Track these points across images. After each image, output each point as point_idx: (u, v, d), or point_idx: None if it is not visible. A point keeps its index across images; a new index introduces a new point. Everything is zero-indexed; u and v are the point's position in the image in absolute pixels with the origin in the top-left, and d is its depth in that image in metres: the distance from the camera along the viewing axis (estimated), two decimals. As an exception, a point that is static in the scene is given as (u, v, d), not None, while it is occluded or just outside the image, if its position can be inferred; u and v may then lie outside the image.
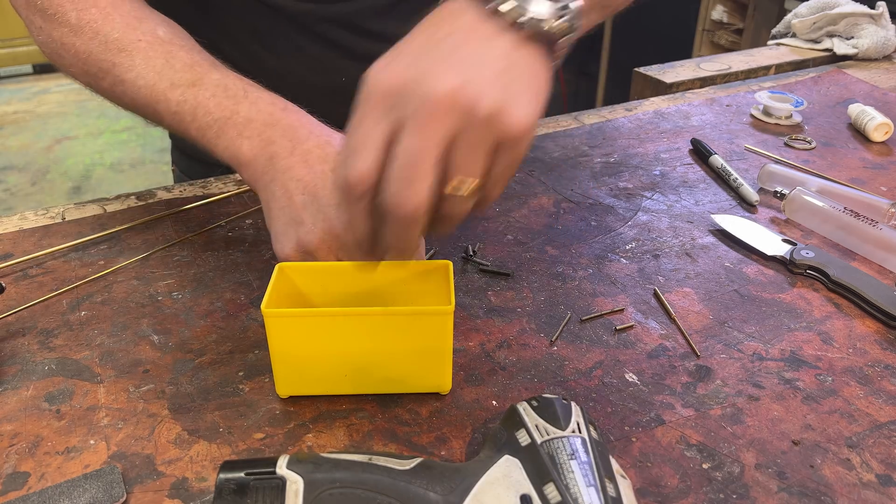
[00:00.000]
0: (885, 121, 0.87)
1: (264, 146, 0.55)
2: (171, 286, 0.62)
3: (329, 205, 0.53)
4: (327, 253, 0.53)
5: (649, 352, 0.56)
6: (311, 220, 0.53)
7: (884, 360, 0.55)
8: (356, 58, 0.82)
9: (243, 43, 0.80)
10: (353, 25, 0.80)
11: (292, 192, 0.54)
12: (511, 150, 0.43)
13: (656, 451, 0.47)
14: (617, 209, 0.74)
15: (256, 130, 0.56)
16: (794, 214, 0.72)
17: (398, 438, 0.48)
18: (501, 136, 0.42)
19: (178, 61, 0.59)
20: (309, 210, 0.53)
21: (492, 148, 0.43)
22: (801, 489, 0.45)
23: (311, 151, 0.55)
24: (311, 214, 0.53)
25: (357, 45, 0.81)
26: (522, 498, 0.39)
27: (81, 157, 3.22)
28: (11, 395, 0.51)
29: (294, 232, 0.53)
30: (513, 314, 0.59)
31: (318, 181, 0.54)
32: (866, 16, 1.14)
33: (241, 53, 0.80)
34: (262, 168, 0.55)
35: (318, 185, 0.53)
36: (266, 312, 0.46)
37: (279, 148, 0.55)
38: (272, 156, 0.55)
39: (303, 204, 0.53)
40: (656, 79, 1.07)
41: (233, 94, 0.57)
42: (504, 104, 0.42)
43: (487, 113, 0.41)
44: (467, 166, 0.43)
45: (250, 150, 0.55)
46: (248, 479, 0.39)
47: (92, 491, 0.43)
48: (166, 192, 0.76)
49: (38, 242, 0.67)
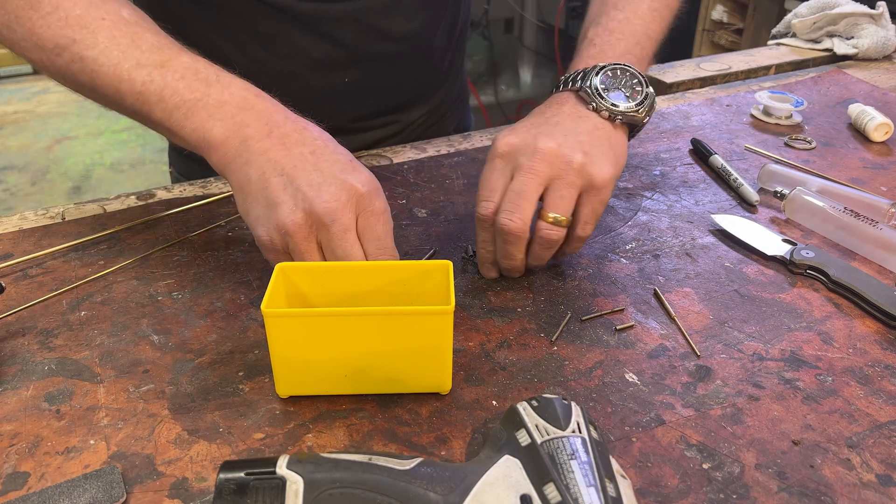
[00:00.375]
0: (885, 121, 0.87)
1: (237, 129, 0.54)
2: (171, 286, 0.62)
3: (309, 185, 0.52)
4: (308, 235, 0.52)
5: (649, 352, 0.56)
6: (290, 201, 0.52)
7: (884, 360, 0.55)
8: (360, 58, 0.82)
9: (246, 46, 0.79)
10: (357, 23, 0.79)
11: (269, 175, 0.53)
12: (595, 196, 0.59)
13: (656, 451, 0.47)
14: (617, 209, 0.74)
15: (229, 113, 0.55)
16: (794, 214, 0.72)
17: (398, 438, 0.48)
18: (586, 184, 0.58)
19: (144, 42, 0.57)
20: (288, 191, 0.52)
21: (578, 191, 0.59)
22: (801, 489, 0.45)
23: (289, 135, 0.55)
24: (291, 196, 0.52)
25: (361, 44, 0.81)
26: (522, 498, 0.39)
27: (81, 157, 3.22)
28: (11, 395, 0.51)
29: (274, 214, 0.52)
30: (513, 314, 0.59)
31: (296, 163, 0.53)
32: (866, 16, 1.14)
33: (243, 56, 0.79)
34: (234, 150, 0.54)
35: (296, 167, 0.53)
36: (266, 312, 0.46)
37: (254, 131, 0.54)
38: (246, 138, 0.54)
39: (282, 185, 0.52)
40: (656, 79, 1.07)
41: (204, 78, 0.56)
42: (589, 159, 0.58)
43: (578, 165, 0.58)
44: (559, 203, 0.58)
45: (222, 133, 0.54)
46: (248, 479, 0.39)
47: (92, 491, 0.43)
48: (166, 192, 0.76)
49: (38, 242, 0.67)
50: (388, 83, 0.86)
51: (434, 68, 0.91)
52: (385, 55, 0.83)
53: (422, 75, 0.90)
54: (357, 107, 0.87)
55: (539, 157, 0.58)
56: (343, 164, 0.54)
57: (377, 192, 0.54)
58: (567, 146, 0.58)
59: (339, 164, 0.54)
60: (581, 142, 0.59)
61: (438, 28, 0.87)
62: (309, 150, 0.54)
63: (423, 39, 0.86)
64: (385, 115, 0.90)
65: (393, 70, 0.85)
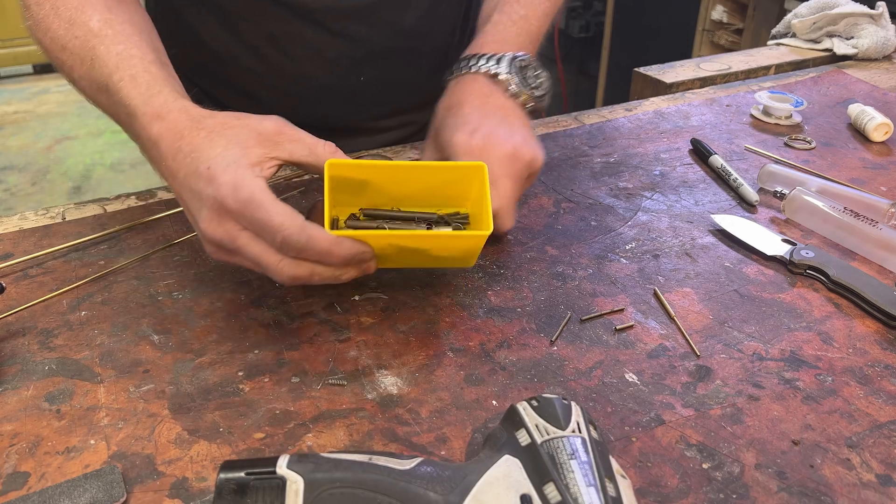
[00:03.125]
0: (884, 121, 0.87)
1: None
2: (171, 286, 0.62)
3: (192, 217, 0.53)
4: (226, 246, 0.52)
5: (649, 352, 0.56)
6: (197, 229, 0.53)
7: (884, 360, 0.55)
8: (374, 55, 0.83)
9: (261, 50, 0.80)
10: (370, 18, 0.80)
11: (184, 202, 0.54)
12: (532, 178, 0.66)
13: (656, 451, 0.47)
14: (617, 209, 0.74)
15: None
16: (794, 214, 0.72)
17: (398, 438, 0.48)
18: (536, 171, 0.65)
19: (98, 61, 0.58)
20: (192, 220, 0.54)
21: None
22: (801, 489, 0.45)
23: (167, 165, 0.54)
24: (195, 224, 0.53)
25: (375, 41, 0.81)
26: (522, 498, 0.39)
27: (81, 157, 3.22)
28: (12, 395, 0.51)
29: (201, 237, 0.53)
30: (513, 314, 0.59)
31: (180, 193, 0.53)
32: (866, 16, 1.14)
33: (259, 61, 0.79)
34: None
35: (181, 197, 0.53)
36: (330, 163, 0.52)
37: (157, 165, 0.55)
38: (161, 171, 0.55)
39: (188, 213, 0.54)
40: (656, 79, 1.07)
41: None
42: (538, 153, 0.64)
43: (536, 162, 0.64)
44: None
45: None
46: (248, 478, 0.39)
47: (92, 491, 0.43)
48: (166, 192, 0.76)
49: (39, 242, 0.67)
50: (403, 81, 0.87)
51: (449, 65, 0.92)
52: (399, 51, 0.84)
53: (437, 72, 0.91)
54: (373, 107, 0.88)
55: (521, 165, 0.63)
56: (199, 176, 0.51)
57: (247, 202, 0.49)
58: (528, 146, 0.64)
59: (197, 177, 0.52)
60: (527, 136, 0.65)
61: (451, 23, 0.88)
62: (181, 176, 0.53)
63: (437, 35, 0.87)
64: (401, 114, 0.91)
65: (408, 67, 0.86)
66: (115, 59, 0.57)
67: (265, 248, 0.50)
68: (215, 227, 0.50)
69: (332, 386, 0.52)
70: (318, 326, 0.57)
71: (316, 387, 0.52)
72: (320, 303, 0.60)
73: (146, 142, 0.55)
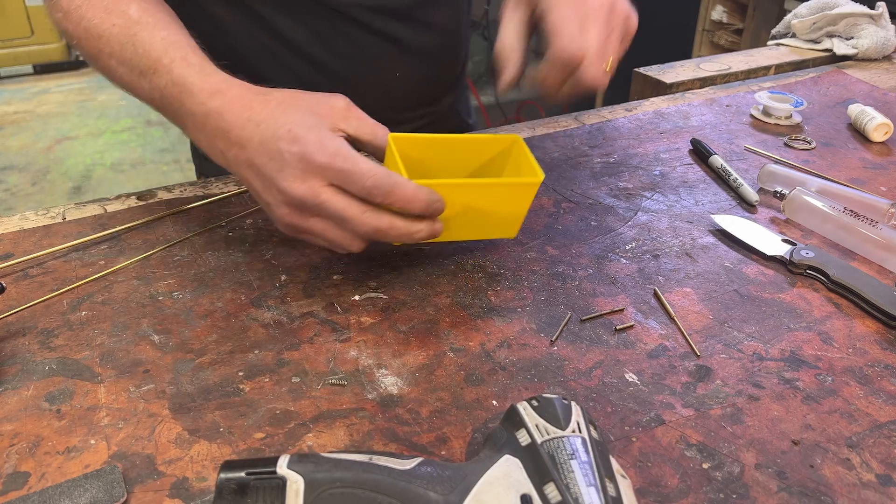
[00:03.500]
0: (884, 121, 0.87)
1: (210, 143, 0.57)
2: (171, 286, 0.62)
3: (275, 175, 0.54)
4: (305, 214, 0.54)
5: (649, 352, 0.56)
6: (272, 199, 0.55)
7: (884, 360, 0.55)
8: (411, 52, 0.86)
9: (304, 49, 0.81)
10: (408, 17, 0.83)
11: (247, 179, 0.56)
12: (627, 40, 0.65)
13: (656, 450, 0.47)
14: (617, 209, 0.74)
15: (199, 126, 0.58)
16: (793, 214, 0.72)
17: (398, 438, 0.48)
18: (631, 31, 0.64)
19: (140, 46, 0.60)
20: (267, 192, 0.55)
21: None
22: (801, 489, 0.45)
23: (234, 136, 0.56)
24: (272, 196, 0.55)
25: (412, 38, 0.84)
26: (523, 498, 0.39)
27: (82, 158, 3.22)
28: (12, 395, 0.51)
29: (271, 212, 0.56)
30: (513, 314, 0.59)
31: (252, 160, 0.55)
32: (866, 16, 1.14)
33: (302, 60, 0.82)
34: (222, 160, 0.57)
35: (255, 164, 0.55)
36: (393, 136, 0.57)
37: (222, 143, 0.56)
38: (220, 150, 0.57)
39: (260, 187, 0.55)
40: (656, 79, 1.07)
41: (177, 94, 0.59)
42: (634, 13, 0.64)
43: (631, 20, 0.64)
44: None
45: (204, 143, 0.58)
46: (248, 478, 0.39)
47: (92, 491, 0.43)
48: (166, 192, 0.76)
49: (39, 242, 0.67)
50: (430, 75, 0.91)
51: (461, 58, 0.96)
52: (429, 48, 0.87)
53: (453, 66, 0.96)
54: (403, 101, 0.91)
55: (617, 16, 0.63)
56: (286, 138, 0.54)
57: (335, 155, 0.53)
58: (624, 2, 0.64)
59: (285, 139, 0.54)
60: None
61: (466, 17, 0.92)
62: (255, 143, 0.54)
63: (456, 30, 0.90)
64: (423, 106, 0.93)
65: (435, 62, 0.90)
66: (161, 44, 0.59)
67: (349, 201, 0.53)
68: (299, 185, 0.52)
69: (333, 386, 0.52)
70: (318, 326, 0.57)
71: (316, 387, 0.52)
72: (320, 303, 0.60)
73: (203, 117, 0.56)
